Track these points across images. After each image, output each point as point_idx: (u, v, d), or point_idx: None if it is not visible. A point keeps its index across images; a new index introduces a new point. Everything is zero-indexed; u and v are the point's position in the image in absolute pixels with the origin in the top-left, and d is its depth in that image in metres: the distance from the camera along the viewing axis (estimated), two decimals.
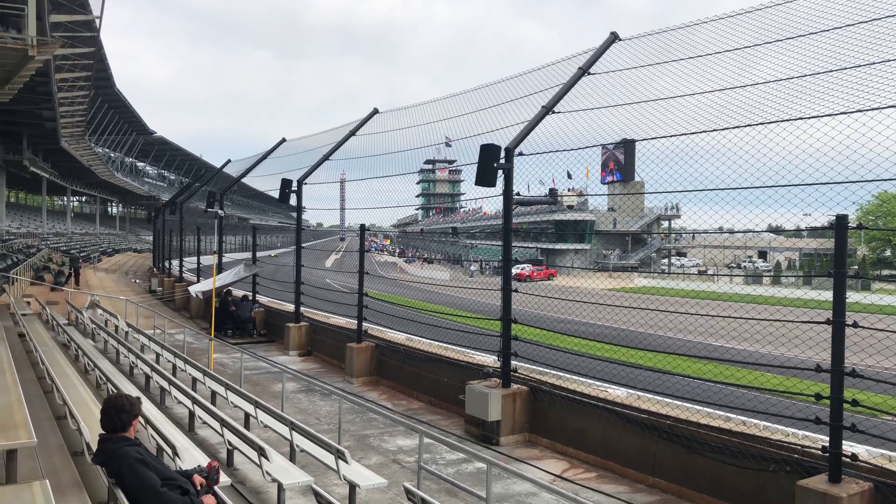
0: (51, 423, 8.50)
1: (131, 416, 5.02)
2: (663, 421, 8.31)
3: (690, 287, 34.92)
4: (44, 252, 43.34)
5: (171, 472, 5.07)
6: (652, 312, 9.97)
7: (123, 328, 17.25)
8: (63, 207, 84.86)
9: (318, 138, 18.81)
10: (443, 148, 13.89)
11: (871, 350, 6.99)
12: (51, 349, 12.82)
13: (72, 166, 63.61)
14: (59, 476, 6.30)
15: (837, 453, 6.43)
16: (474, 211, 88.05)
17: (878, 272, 53.52)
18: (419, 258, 54.34)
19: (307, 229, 45.22)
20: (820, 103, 7.13)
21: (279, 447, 7.95)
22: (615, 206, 67.79)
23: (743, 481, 7.37)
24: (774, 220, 9.43)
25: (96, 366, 11.45)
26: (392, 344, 13.93)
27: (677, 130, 8.47)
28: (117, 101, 66.19)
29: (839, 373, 6.49)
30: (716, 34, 8.79)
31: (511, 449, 9.69)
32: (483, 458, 6.35)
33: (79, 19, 31.12)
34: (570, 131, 10.06)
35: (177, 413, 10.29)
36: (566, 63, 10.89)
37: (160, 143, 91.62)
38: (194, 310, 23.92)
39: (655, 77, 9.28)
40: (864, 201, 28.66)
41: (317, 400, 12.31)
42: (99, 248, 61.18)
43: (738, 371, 10.77)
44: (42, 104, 38.85)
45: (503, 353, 10.27)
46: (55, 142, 50.12)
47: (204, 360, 14.56)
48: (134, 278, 40.05)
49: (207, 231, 28.52)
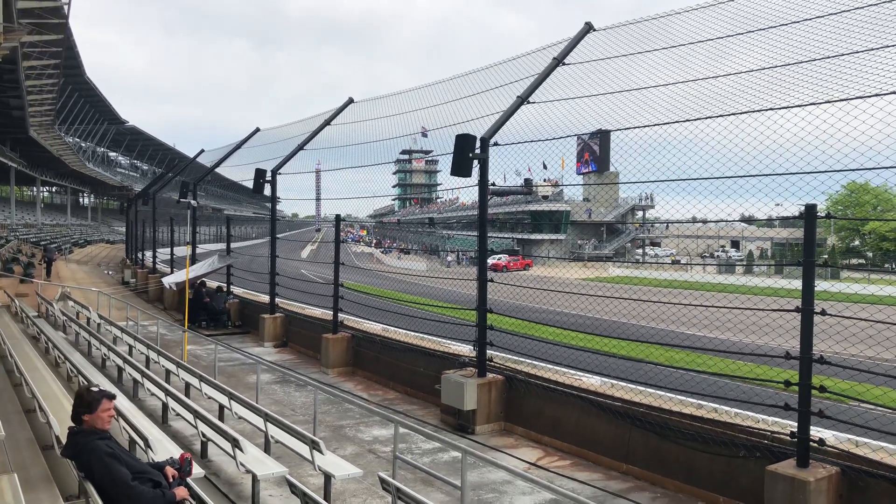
0: (19, 416, 8.37)
1: (82, 410, 4.96)
2: (636, 409, 8.40)
3: (664, 276, 35.32)
4: (13, 243, 42.54)
5: (142, 465, 5.02)
6: (626, 301, 10.06)
7: (95, 320, 17.01)
8: (33, 198, 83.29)
9: (293, 128, 18.66)
10: (419, 138, 13.84)
11: (838, 338, 7.11)
12: (20, 342, 12.63)
13: (41, 156, 62.46)
14: (28, 470, 6.20)
15: (805, 438, 6.55)
16: (451, 201, 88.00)
17: (847, 261, 54.52)
18: (396, 248, 54.25)
19: (282, 220, 44.88)
20: (791, 94, 7.22)
21: (254, 438, 7.91)
22: (590, 196, 68.09)
23: (715, 467, 7.47)
24: (747, 210, 9.57)
25: (67, 358, 11.29)
26: (368, 334, 13.90)
27: (652, 121, 8.52)
28: (88, 90, 64.88)
29: (808, 360, 6.60)
30: (691, 25, 8.85)
31: (487, 438, 9.73)
32: (458, 447, 6.37)
33: (47, 5, 30.44)
34: (546, 122, 10.08)
35: (150, 405, 10.19)
36: (542, 53, 10.89)
37: (133, 132, 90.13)
38: (168, 301, 23.65)
39: (630, 67, 9.32)
40: (834, 192, 29.08)
41: (292, 391, 12.26)
42: (70, 239, 60.20)
43: (710, 359, 10.91)
44: (9, 92, 38.09)
45: (479, 342, 10.30)
46: (24, 131, 49.17)
47: (178, 351, 14.41)
48: (106, 270, 39.50)
49: (181, 222, 28.19)
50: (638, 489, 7.93)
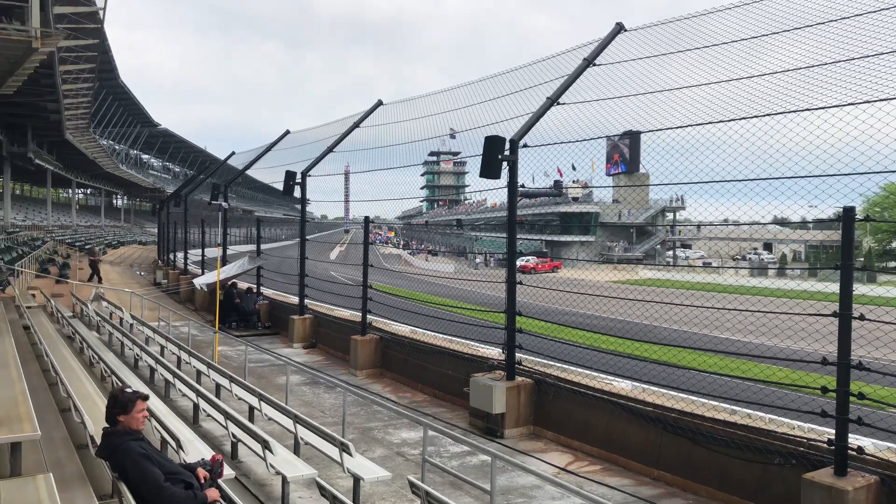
0: (55, 415, 8.51)
1: (117, 412, 4.99)
2: (668, 414, 8.28)
3: (695, 279, 34.83)
4: (49, 244, 43.42)
5: (174, 466, 5.06)
6: (657, 304, 9.93)
7: (128, 320, 17.28)
8: (68, 200, 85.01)
9: (322, 130, 18.76)
10: (447, 139, 13.82)
11: (877, 343, 6.93)
12: (55, 342, 12.84)
13: (76, 158, 63.69)
14: (63, 469, 6.31)
15: (843, 446, 6.39)
16: (479, 203, 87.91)
17: (884, 264, 53.31)
18: (424, 250, 54.34)
19: (311, 221, 45.23)
20: (827, 94, 7.06)
21: (283, 440, 7.95)
22: (620, 197, 67.56)
23: (748, 474, 7.34)
24: (780, 212, 9.38)
25: (101, 358, 11.47)
26: (396, 336, 13.92)
27: (683, 122, 8.40)
28: (122, 93, 66.09)
29: (845, 365, 6.44)
30: (724, 24, 8.71)
31: (515, 441, 9.67)
32: (487, 451, 6.33)
33: (83, 11, 31.03)
34: (575, 123, 10.00)
35: (181, 406, 10.30)
36: (571, 54, 10.81)
37: (164, 135, 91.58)
38: (199, 302, 23.94)
39: (662, 68, 9.20)
40: (871, 193, 28.30)
41: (321, 392, 12.32)
42: (104, 240, 61.28)
43: (744, 364, 10.71)
44: (46, 96, 38.82)
45: (508, 345, 10.25)
46: (60, 134, 50.14)
47: (208, 352, 14.57)
48: (139, 270, 40.13)
49: (212, 223, 28.55)
50: (669, 495, 7.82)
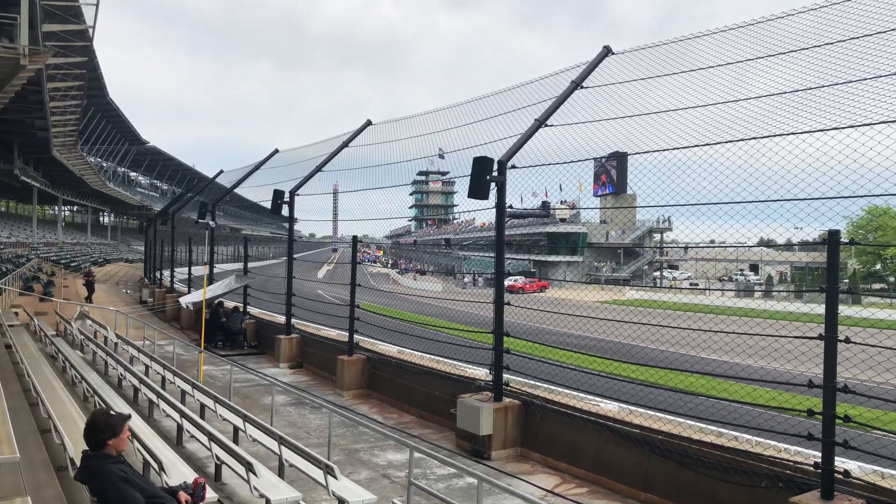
0: (35, 437, 8.38)
1: (107, 436, 4.86)
2: (655, 436, 8.25)
3: (682, 300, 34.97)
4: (33, 262, 43.02)
5: (155, 490, 4.97)
6: (644, 325, 9.94)
7: (113, 339, 17.09)
8: (54, 217, 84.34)
9: (311, 149, 18.77)
10: (436, 160, 13.86)
11: (863, 365, 6.96)
12: (37, 361, 12.68)
13: (63, 175, 63.28)
14: (42, 492, 6.20)
15: (830, 469, 6.39)
16: (467, 222, 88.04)
17: (869, 286, 53.75)
18: (412, 270, 54.28)
19: (299, 240, 45.11)
20: (812, 118, 7.14)
21: (268, 462, 7.85)
22: (607, 218, 67.94)
23: (736, 497, 7.30)
24: (766, 234, 9.44)
25: (83, 378, 11.32)
26: (383, 356, 13.84)
27: (670, 144, 8.46)
28: (110, 111, 65.92)
29: (831, 388, 6.46)
30: (710, 48, 8.81)
31: (503, 463, 9.61)
32: (474, 474, 6.27)
33: (72, 28, 31.08)
34: (563, 144, 10.06)
35: (165, 426, 10.17)
36: (560, 76, 10.90)
37: (153, 152, 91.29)
38: (185, 321, 23.75)
39: (649, 91, 9.28)
40: (855, 216, 28.58)
41: (307, 413, 12.20)
42: (90, 257, 60.80)
43: (731, 385, 10.73)
44: (34, 113, 38.69)
45: (495, 366, 10.21)
46: (47, 151, 49.88)
47: (193, 372, 14.42)
48: (125, 289, 39.79)
49: (199, 241, 28.39)
50: None
